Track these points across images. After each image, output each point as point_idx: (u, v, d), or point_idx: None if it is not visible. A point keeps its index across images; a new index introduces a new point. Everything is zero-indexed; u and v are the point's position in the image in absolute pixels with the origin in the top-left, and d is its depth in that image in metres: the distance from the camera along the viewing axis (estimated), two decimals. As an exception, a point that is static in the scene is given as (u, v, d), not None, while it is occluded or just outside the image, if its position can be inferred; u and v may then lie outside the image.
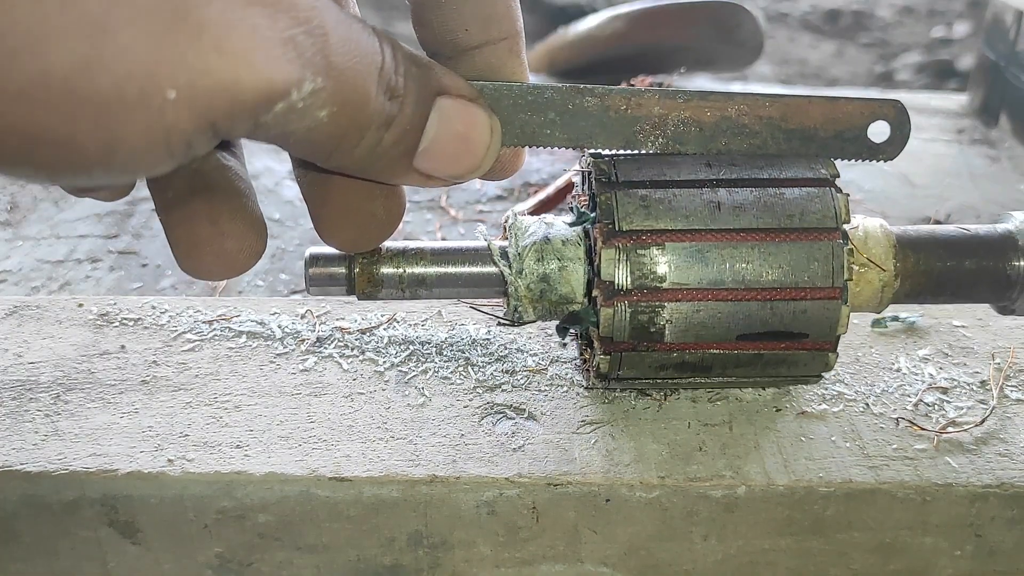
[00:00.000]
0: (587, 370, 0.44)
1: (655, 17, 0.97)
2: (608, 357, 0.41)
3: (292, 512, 0.41)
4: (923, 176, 0.87)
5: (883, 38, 1.77)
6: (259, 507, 0.41)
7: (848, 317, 0.40)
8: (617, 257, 0.39)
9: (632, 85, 0.79)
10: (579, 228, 0.42)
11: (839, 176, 0.41)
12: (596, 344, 0.41)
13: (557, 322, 0.43)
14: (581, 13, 1.17)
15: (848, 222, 0.40)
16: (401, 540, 0.42)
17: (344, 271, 0.41)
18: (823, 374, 0.44)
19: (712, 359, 0.41)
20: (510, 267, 0.41)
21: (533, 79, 0.39)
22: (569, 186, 0.46)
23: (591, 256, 0.41)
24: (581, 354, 0.47)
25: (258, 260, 0.37)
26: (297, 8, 0.27)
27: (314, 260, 0.41)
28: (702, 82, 1.09)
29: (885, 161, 0.41)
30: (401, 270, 0.41)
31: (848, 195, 0.41)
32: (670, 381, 0.43)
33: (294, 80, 0.27)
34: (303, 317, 0.51)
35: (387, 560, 0.42)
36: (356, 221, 0.39)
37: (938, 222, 0.69)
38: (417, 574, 0.43)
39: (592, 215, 0.41)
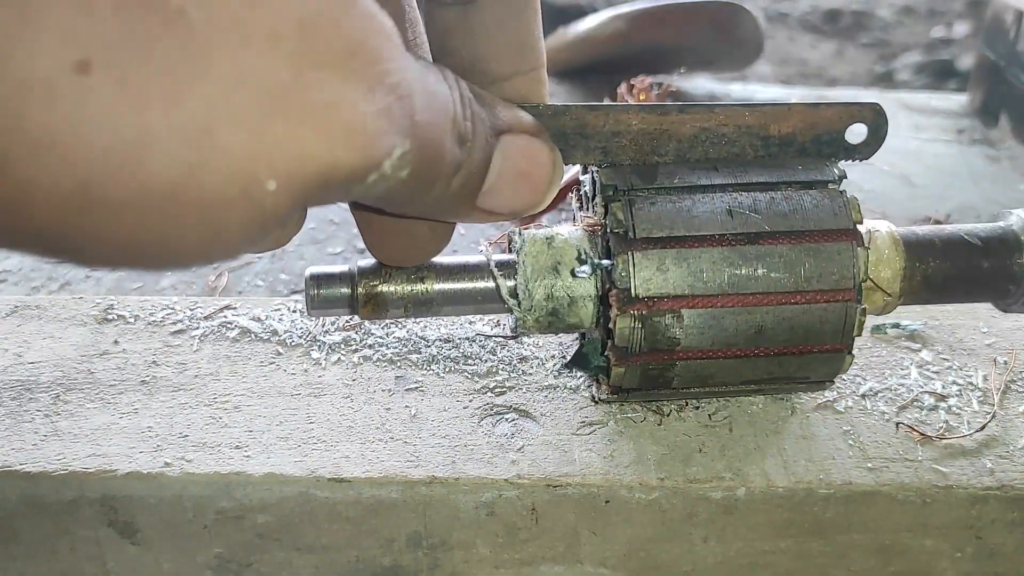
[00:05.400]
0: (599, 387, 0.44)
1: (655, 17, 0.97)
2: (616, 396, 0.42)
3: (291, 513, 0.41)
4: (923, 176, 0.87)
5: (883, 38, 1.77)
6: (258, 508, 0.41)
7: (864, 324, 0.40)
8: (632, 325, 0.39)
9: (632, 85, 0.79)
10: (589, 267, 0.40)
11: (858, 217, 0.40)
12: (604, 385, 0.42)
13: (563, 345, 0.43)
14: (581, 13, 1.17)
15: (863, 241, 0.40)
16: (400, 541, 0.42)
17: (347, 292, 0.39)
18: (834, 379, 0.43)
19: (724, 390, 0.43)
20: (519, 304, 0.40)
21: None
22: (568, 187, 0.45)
23: (601, 288, 0.40)
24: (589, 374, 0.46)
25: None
26: (390, 74, 0.26)
27: (315, 281, 0.39)
28: (702, 82, 1.09)
29: (860, 160, 0.41)
30: (406, 289, 0.39)
31: (857, 198, 0.40)
32: (681, 391, 0.43)
33: (388, 150, 0.26)
34: (303, 316, 0.51)
35: (386, 561, 0.42)
36: (405, 240, 0.38)
37: (938, 222, 0.69)
38: (416, 575, 0.43)
39: (606, 264, 0.39)
